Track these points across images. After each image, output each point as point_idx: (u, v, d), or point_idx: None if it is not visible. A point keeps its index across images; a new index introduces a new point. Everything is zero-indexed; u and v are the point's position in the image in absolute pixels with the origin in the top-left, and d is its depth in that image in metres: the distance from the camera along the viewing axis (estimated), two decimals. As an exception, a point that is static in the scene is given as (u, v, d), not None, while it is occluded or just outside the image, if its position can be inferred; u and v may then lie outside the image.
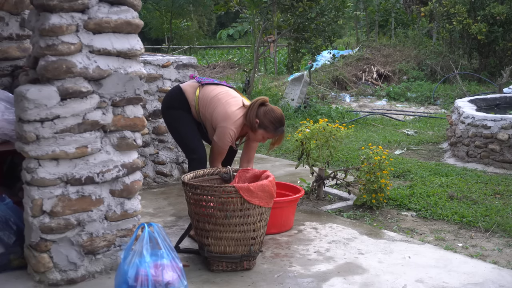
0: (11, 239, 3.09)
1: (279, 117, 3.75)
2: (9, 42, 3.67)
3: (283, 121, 3.78)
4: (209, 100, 3.82)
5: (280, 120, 3.75)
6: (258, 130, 3.74)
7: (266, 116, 3.72)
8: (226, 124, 3.70)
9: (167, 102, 4.01)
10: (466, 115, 6.11)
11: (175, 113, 3.93)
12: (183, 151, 4.05)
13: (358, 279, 3.12)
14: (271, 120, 3.72)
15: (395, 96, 11.88)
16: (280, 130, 3.77)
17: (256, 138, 3.82)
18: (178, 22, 19.94)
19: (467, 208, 4.35)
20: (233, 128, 3.72)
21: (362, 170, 4.44)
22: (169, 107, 3.97)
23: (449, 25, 12.82)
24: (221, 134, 3.72)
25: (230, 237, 3.15)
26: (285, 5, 10.82)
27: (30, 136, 2.79)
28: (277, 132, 3.76)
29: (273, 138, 3.81)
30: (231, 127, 3.70)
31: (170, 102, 3.97)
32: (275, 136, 3.79)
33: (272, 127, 3.73)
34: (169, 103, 3.98)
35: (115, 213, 3.08)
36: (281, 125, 3.76)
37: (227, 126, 3.70)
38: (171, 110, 3.95)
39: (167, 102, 4.00)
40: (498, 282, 3.08)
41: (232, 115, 3.72)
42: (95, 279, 3.05)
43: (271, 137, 3.80)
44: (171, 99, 3.99)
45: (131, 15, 3.00)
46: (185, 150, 3.97)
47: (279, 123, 3.74)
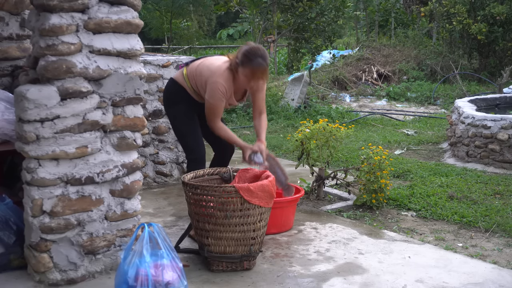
0: (11, 239, 3.09)
1: (254, 48, 3.45)
2: (9, 42, 3.68)
3: (260, 52, 3.44)
4: (195, 71, 3.73)
5: (255, 51, 3.43)
6: (240, 69, 3.49)
7: (242, 50, 3.48)
8: (212, 79, 3.56)
9: (166, 98, 3.96)
10: (466, 115, 6.11)
11: (176, 110, 3.86)
12: (183, 149, 4.03)
13: (358, 279, 3.12)
14: (244, 53, 3.45)
15: (395, 96, 11.88)
16: (256, 61, 3.42)
17: (241, 82, 3.57)
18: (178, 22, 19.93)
19: (467, 208, 4.35)
20: (221, 81, 3.53)
21: (362, 170, 4.44)
22: (169, 103, 3.91)
23: (449, 25, 12.82)
24: (210, 90, 3.57)
25: (230, 237, 3.15)
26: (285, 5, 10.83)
27: (30, 136, 2.79)
28: (253, 64, 3.43)
29: (252, 74, 3.47)
30: (218, 79, 3.54)
31: (169, 97, 3.92)
32: (253, 70, 3.45)
33: (247, 60, 3.44)
34: (168, 98, 3.93)
35: (115, 213, 3.08)
36: (256, 56, 3.42)
37: (214, 80, 3.55)
38: (171, 107, 3.90)
39: (166, 98, 3.95)
40: (498, 282, 3.08)
41: (216, 69, 3.59)
42: (95, 279, 3.05)
43: (250, 73, 3.46)
44: (168, 93, 3.93)
45: (131, 15, 3.00)
46: (185, 149, 3.96)
47: (254, 54, 3.42)
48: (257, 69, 3.47)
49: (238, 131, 8.23)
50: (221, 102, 3.61)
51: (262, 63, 3.46)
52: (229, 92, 3.64)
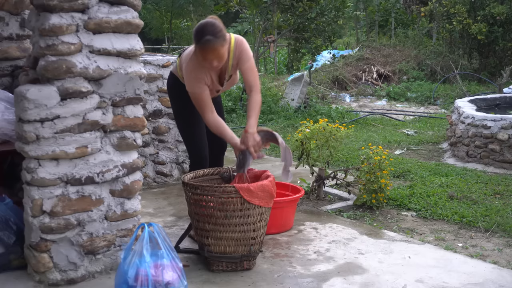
0: (11, 239, 3.08)
1: (202, 25, 3.20)
2: (9, 42, 3.67)
3: (208, 28, 3.16)
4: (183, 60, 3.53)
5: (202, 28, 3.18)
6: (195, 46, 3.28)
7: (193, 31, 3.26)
8: (184, 67, 3.42)
9: (168, 92, 3.89)
10: (466, 115, 6.11)
11: (178, 106, 3.77)
12: (187, 149, 3.98)
13: (358, 279, 3.12)
14: (193, 32, 3.23)
15: (395, 96, 11.89)
16: (203, 40, 3.15)
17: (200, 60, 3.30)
18: (178, 22, 19.95)
19: (467, 208, 4.35)
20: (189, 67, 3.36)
21: (362, 170, 4.44)
22: (172, 98, 3.84)
23: (449, 25, 12.83)
24: (185, 79, 3.41)
25: (230, 237, 3.15)
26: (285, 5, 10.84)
27: (30, 136, 2.79)
28: (200, 42, 3.17)
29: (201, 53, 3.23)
30: (187, 67, 3.37)
31: (169, 91, 3.86)
32: (201, 49, 3.20)
33: (195, 39, 3.21)
34: (168, 93, 3.88)
35: (115, 213, 3.08)
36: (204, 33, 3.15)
37: (184, 68, 3.40)
38: (174, 103, 3.81)
39: (169, 92, 3.89)
40: (498, 282, 3.08)
41: (186, 57, 3.43)
42: (95, 279, 3.05)
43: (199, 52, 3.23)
44: (168, 87, 3.87)
45: (131, 15, 3.00)
46: (187, 149, 3.92)
47: (201, 31, 3.16)
48: (205, 47, 3.17)
49: (238, 131, 8.23)
50: (199, 88, 3.36)
51: (209, 39, 3.14)
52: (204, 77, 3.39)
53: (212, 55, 3.21)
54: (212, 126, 3.46)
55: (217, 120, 3.45)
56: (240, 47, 3.45)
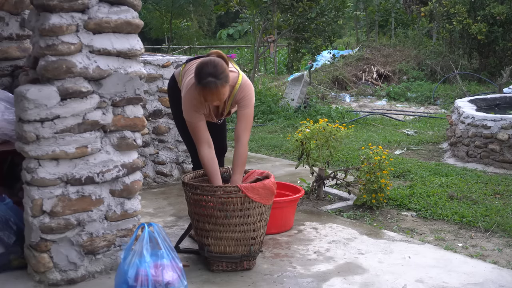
0: (11, 239, 3.08)
1: (203, 64, 3.08)
2: (9, 42, 3.67)
3: (207, 69, 3.04)
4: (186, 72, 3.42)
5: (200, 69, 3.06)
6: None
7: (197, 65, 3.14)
8: (184, 94, 3.30)
9: (168, 93, 3.87)
10: (466, 115, 6.11)
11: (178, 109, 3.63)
12: (188, 150, 3.96)
13: (358, 279, 3.12)
14: (195, 71, 3.12)
15: (395, 96, 11.89)
16: (204, 82, 3.05)
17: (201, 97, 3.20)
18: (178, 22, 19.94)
19: (467, 208, 4.35)
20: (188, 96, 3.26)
21: (362, 170, 4.44)
22: (172, 101, 3.81)
23: (449, 25, 12.82)
24: (183, 105, 3.29)
25: (230, 237, 3.15)
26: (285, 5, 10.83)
27: (30, 136, 2.79)
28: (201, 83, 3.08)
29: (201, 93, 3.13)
30: (187, 95, 3.27)
31: (171, 95, 3.83)
32: (200, 90, 3.10)
33: (196, 78, 3.11)
34: (170, 96, 3.84)
35: (115, 213, 3.08)
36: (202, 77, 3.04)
37: (184, 96, 3.29)
38: (174, 106, 3.76)
39: (170, 96, 3.86)
40: (498, 282, 3.08)
41: (187, 83, 3.30)
42: (95, 279, 3.05)
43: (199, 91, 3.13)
44: (169, 89, 3.84)
45: (131, 15, 3.00)
46: (188, 149, 3.91)
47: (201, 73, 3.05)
48: (206, 89, 3.09)
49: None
50: (196, 120, 3.27)
51: (211, 81, 3.05)
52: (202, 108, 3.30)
53: (212, 96, 3.12)
54: (205, 162, 3.31)
55: (211, 157, 3.32)
56: (243, 92, 3.34)
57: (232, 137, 7.68)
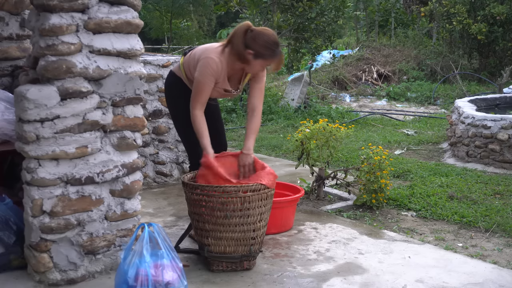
0: (11, 239, 3.08)
1: (272, 39, 3.36)
2: (9, 42, 3.67)
3: (277, 41, 3.40)
4: (190, 57, 3.57)
5: (275, 41, 3.37)
6: (255, 61, 3.36)
7: (258, 42, 3.32)
8: (205, 55, 3.38)
9: (165, 92, 3.85)
10: (466, 115, 6.11)
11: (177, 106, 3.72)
12: (186, 150, 3.97)
13: (358, 279, 3.12)
14: (266, 46, 3.33)
15: (395, 96, 11.89)
16: (277, 51, 3.38)
17: (253, 69, 3.45)
18: (178, 22, 19.95)
19: (467, 208, 4.35)
20: (214, 57, 3.34)
21: (362, 170, 4.44)
22: (170, 98, 3.80)
23: (449, 25, 12.83)
24: (201, 65, 3.37)
25: (230, 237, 3.15)
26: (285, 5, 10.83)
27: (30, 136, 2.79)
28: (275, 55, 3.39)
29: (275, 63, 3.45)
30: (211, 55, 3.35)
31: (167, 91, 3.81)
32: (275, 61, 3.43)
33: (270, 53, 3.35)
34: (167, 91, 3.82)
35: (115, 213, 3.08)
36: (277, 46, 3.38)
37: (206, 55, 3.37)
38: (173, 102, 3.78)
39: (166, 92, 3.84)
40: (498, 282, 3.08)
41: (209, 46, 3.44)
42: (95, 279, 3.05)
43: (271, 63, 3.43)
44: (167, 86, 3.82)
45: (131, 15, 3.00)
46: (187, 151, 3.91)
47: (275, 44, 3.36)
48: (279, 58, 3.43)
49: (238, 131, 8.23)
50: (209, 81, 3.38)
51: (281, 51, 3.45)
52: (221, 73, 3.42)
53: (279, 62, 3.46)
54: (196, 121, 3.44)
55: (202, 119, 3.45)
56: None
57: (231, 136, 7.70)
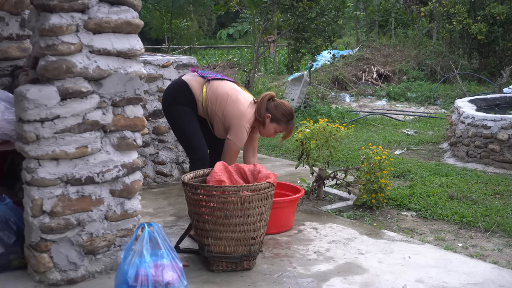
0: (11, 239, 3.08)
1: (290, 110, 3.94)
2: (9, 42, 3.67)
3: (293, 113, 3.98)
4: (219, 97, 3.87)
5: (291, 113, 3.95)
6: (271, 124, 3.90)
7: (278, 110, 3.89)
8: (241, 122, 3.81)
9: (171, 96, 3.91)
10: (466, 115, 6.11)
11: (180, 109, 3.86)
12: (185, 149, 4.00)
13: (358, 279, 3.12)
14: (283, 113, 3.90)
15: (395, 96, 11.88)
16: (291, 122, 3.97)
17: (267, 132, 3.95)
18: (178, 22, 19.94)
19: (467, 208, 4.35)
20: (248, 125, 3.84)
21: (362, 170, 4.44)
22: (174, 102, 3.88)
23: (449, 25, 12.82)
24: (238, 132, 3.81)
25: (230, 237, 3.15)
26: (285, 5, 10.83)
27: (30, 136, 2.79)
28: (289, 124, 3.96)
29: (285, 130, 3.99)
30: (246, 124, 3.82)
31: (175, 96, 3.88)
32: (287, 129, 3.98)
33: (285, 120, 3.92)
34: (173, 97, 3.89)
35: (115, 213, 3.08)
36: (292, 118, 3.96)
37: (243, 124, 3.81)
38: (175, 105, 3.87)
39: (172, 96, 3.90)
40: (498, 282, 3.08)
41: (246, 112, 3.83)
42: (95, 279, 3.05)
43: (283, 130, 3.98)
44: (175, 92, 3.90)
45: (131, 15, 3.00)
46: (187, 148, 3.94)
47: (290, 115, 3.94)
48: (291, 128, 4.00)
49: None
50: (243, 144, 3.89)
51: (293, 123, 4.03)
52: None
53: (289, 132, 4.02)
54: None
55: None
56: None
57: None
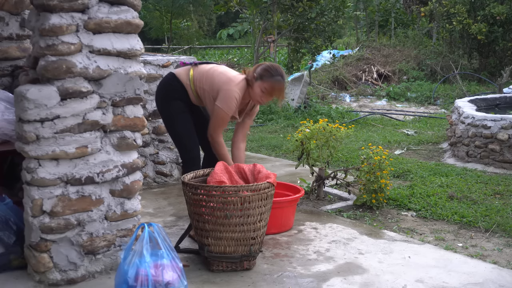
0: (11, 239, 3.09)
1: (275, 66, 3.58)
2: (9, 42, 3.67)
3: (281, 71, 3.58)
4: (205, 73, 3.70)
5: (276, 68, 3.56)
6: (256, 83, 3.55)
7: (261, 66, 3.59)
8: (229, 87, 3.56)
9: (161, 91, 3.85)
10: (466, 115, 6.11)
11: (172, 107, 3.77)
12: (177, 149, 3.94)
13: (358, 279, 3.12)
14: (265, 68, 3.56)
15: (395, 96, 11.89)
16: (277, 78, 3.54)
17: (256, 94, 3.59)
18: (178, 22, 19.94)
19: (467, 208, 4.35)
20: (237, 90, 3.56)
21: (362, 170, 4.44)
22: (164, 98, 3.81)
23: (449, 25, 12.83)
24: (226, 96, 3.55)
25: (230, 237, 3.15)
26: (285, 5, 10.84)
27: (30, 136, 2.79)
28: (274, 79, 3.54)
29: (271, 88, 3.56)
30: (235, 89, 3.55)
31: (165, 91, 3.82)
32: (273, 86, 3.55)
33: (268, 75, 3.53)
34: (164, 92, 3.83)
35: (115, 213, 3.08)
36: (277, 73, 3.55)
37: (231, 88, 3.55)
38: (166, 103, 3.80)
39: (162, 92, 3.84)
40: (498, 282, 3.08)
41: (234, 78, 3.61)
42: (95, 279, 3.05)
43: (269, 86, 3.55)
44: (165, 87, 3.84)
45: (131, 15, 3.00)
46: (179, 148, 3.88)
47: (275, 70, 3.55)
48: (277, 85, 3.56)
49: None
50: (231, 112, 3.59)
51: (281, 80, 3.57)
52: (239, 105, 3.64)
53: (279, 93, 3.60)
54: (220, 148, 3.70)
55: (224, 145, 3.73)
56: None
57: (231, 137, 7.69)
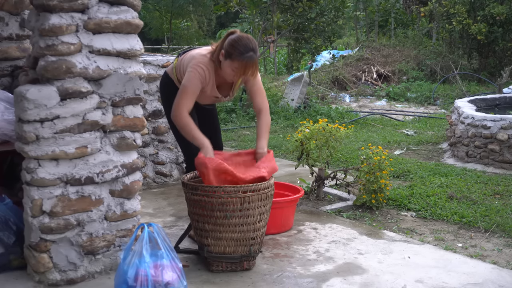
0: (11, 239, 3.09)
1: (246, 42, 3.20)
2: (9, 42, 3.67)
3: (251, 46, 3.21)
4: (182, 61, 3.53)
5: (246, 44, 3.20)
6: (225, 61, 3.25)
7: (230, 42, 3.22)
8: (192, 63, 3.34)
9: (161, 92, 3.85)
10: (466, 115, 6.11)
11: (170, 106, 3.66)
12: (181, 149, 3.96)
13: (357, 279, 3.12)
14: (233, 45, 3.20)
15: (394, 96, 11.89)
16: (248, 55, 3.18)
17: (225, 73, 3.30)
18: (178, 22, 19.96)
19: (466, 208, 4.36)
20: (200, 65, 3.30)
21: (361, 170, 4.45)
22: (163, 97, 3.80)
23: (449, 25, 12.84)
24: (187, 72, 3.33)
25: (229, 237, 3.15)
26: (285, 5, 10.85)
27: (30, 136, 2.79)
28: (244, 57, 3.19)
29: (243, 67, 3.23)
30: (199, 64, 3.31)
31: (161, 90, 3.81)
32: (245, 65, 3.21)
33: (237, 53, 3.19)
34: (162, 93, 3.82)
35: (115, 213, 3.08)
36: (247, 50, 3.19)
37: (194, 63, 3.32)
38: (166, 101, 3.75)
39: (161, 93, 3.84)
40: (498, 282, 3.08)
41: (197, 55, 3.38)
42: (95, 279, 3.05)
43: (240, 66, 3.22)
44: (162, 88, 3.81)
45: (131, 15, 3.00)
46: (183, 152, 3.89)
47: (244, 47, 3.19)
48: (249, 63, 3.21)
49: (238, 131, 8.23)
50: (194, 86, 3.31)
51: (253, 56, 3.21)
52: (209, 81, 3.38)
53: (252, 69, 3.25)
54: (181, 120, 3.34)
55: (188, 118, 3.35)
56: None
57: (231, 137, 7.70)
